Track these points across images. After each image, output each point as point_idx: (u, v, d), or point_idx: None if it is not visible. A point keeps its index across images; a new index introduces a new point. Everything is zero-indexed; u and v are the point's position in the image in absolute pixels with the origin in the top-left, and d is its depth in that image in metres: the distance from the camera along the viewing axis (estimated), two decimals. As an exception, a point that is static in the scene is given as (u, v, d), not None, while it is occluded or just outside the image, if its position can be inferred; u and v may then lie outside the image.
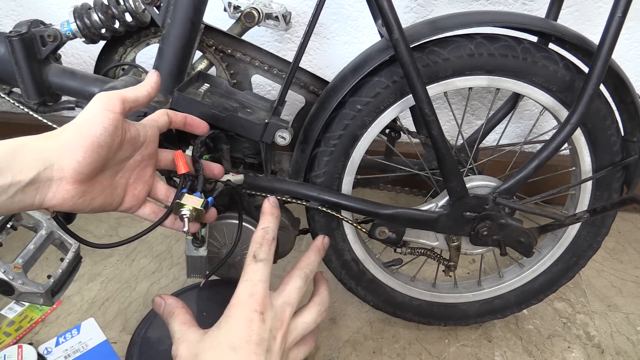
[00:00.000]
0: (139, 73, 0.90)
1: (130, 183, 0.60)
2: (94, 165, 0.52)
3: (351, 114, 0.83)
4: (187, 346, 0.52)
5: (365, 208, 0.87)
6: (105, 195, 0.56)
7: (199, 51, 0.89)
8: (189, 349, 0.51)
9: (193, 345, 0.51)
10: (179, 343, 0.53)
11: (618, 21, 0.71)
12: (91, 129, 0.51)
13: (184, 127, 0.66)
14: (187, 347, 0.52)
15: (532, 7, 1.23)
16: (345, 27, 1.33)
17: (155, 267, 1.26)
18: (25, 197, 0.49)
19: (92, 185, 0.54)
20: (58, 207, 0.52)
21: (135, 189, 0.60)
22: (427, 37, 0.79)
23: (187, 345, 0.52)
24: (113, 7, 0.81)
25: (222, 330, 0.51)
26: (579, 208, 0.93)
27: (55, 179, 0.50)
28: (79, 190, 0.52)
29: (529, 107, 1.38)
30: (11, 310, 1.12)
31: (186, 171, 0.65)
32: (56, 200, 0.51)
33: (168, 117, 0.63)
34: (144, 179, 0.61)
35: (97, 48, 0.88)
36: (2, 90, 0.85)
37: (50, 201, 0.51)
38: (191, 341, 0.52)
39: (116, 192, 0.58)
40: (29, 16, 0.99)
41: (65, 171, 0.50)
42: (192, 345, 0.52)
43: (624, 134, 0.88)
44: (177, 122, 0.64)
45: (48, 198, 0.51)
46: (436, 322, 1.07)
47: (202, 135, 0.70)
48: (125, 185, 0.59)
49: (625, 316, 1.13)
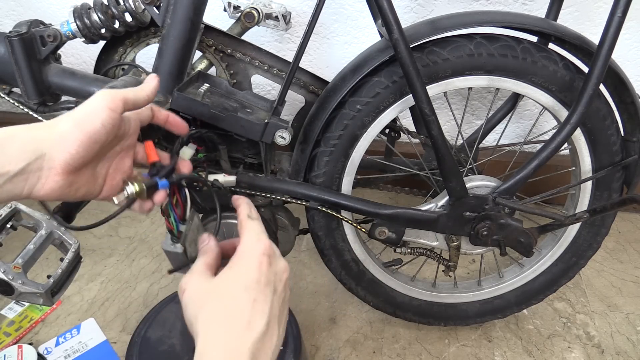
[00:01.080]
0: (139, 73, 0.90)
1: (110, 173, 0.61)
2: (85, 159, 0.53)
3: (351, 114, 0.83)
4: (195, 286, 0.53)
5: (365, 208, 0.86)
6: (89, 185, 0.57)
7: (199, 51, 0.89)
8: (196, 289, 0.53)
9: (202, 286, 0.53)
10: (188, 282, 0.54)
11: (618, 21, 0.71)
12: (91, 124, 0.52)
13: (165, 124, 0.67)
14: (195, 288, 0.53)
15: (532, 7, 1.23)
16: (345, 27, 1.33)
17: (155, 267, 1.26)
18: (13, 187, 0.49)
19: (78, 176, 0.55)
20: (46, 197, 0.52)
21: (114, 179, 0.61)
22: (426, 37, 0.79)
23: (196, 285, 0.53)
24: (113, 7, 0.81)
25: (234, 271, 0.53)
26: (578, 208, 0.93)
27: (44, 169, 0.51)
28: (66, 181, 0.52)
29: (529, 107, 1.38)
30: (11, 310, 1.12)
31: (156, 160, 0.66)
32: (44, 191, 0.51)
33: (151, 112, 0.64)
34: (123, 169, 0.62)
35: (97, 48, 0.88)
36: (2, 90, 0.85)
37: (38, 192, 0.51)
38: (200, 283, 0.54)
39: (97, 182, 0.59)
40: (29, 16, 0.99)
41: (55, 162, 0.51)
42: (200, 286, 0.53)
43: (623, 134, 0.88)
44: (159, 119, 0.65)
45: (37, 189, 0.51)
46: (436, 322, 1.07)
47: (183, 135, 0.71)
48: (105, 175, 0.60)
49: (625, 316, 1.13)
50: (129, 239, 1.35)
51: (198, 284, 0.53)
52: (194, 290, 0.53)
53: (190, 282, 0.54)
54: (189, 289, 0.53)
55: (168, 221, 0.68)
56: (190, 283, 0.54)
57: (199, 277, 0.55)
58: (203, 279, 0.54)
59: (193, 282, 0.54)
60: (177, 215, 0.69)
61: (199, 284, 0.53)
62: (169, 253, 0.70)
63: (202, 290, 0.52)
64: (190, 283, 0.54)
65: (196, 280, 0.54)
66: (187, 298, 0.53)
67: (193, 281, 0.54)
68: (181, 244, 0.68)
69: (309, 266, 1.26)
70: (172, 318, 0.94)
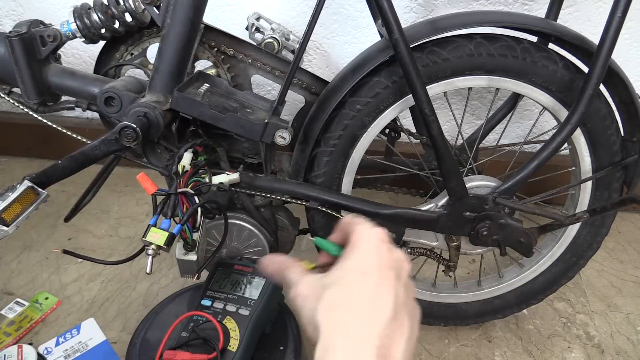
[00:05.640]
0: (146, 62, 0.90)
1: None
2: None
3: (351, 114, 0.83)
4: (307, 283, 0.48)
5: (365, 208, 0.86)
6: None
7: (200, 53, 0.89)
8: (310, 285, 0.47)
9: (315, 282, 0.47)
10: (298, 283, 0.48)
11: (618, 21, 0.71)
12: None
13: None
14: (307, 284, 0.47)
15: (532, 7, 1.23)
16: (345, 27, 1.33)
17: (155, 267, 1.26)
18: None
19: None
20: None
21: None
22: (426, 37, 0.79)
23: (308, 282, 0.48)
24: (113, 7, 0.81)
25: (350, 260, 0.47)
26: (578, 208, 0.93)
27: None
28: None
29: (529, 107, 1.38)
30: (11, 310, 1.12)
31: (155, 190, 0.67)
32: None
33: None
34: None
35: (97, 48, 0.88)
36: (2, 90, 0.85)
37: None
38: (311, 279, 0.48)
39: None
40: (29, 16, 0.99)
41: None
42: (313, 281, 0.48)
43: (623, 134, 0.88)
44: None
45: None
46: (436, 322, 1.07)
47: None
48: None
49: (625, 316, 1.13)
50: (129, 239, 1.35)
51: (312, 281, 0.47)
52: (308, 287, 0.47)
53: (301, 283, 0.48)
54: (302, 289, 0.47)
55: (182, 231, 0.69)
56: (302, 283, 0.48)
57: (309, 276, 0.49)
58: (315, 277, 0.48)
59: (304, 282, 0.48)
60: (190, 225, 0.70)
61: (313, 281, 0.47)
62: (182, 262, 0.71)
63: (317, 285, 0.46)
64: (302, 283, 0.48)
65: (309, 279, 0.48)
66: (301, 299, 0.47)
67: (304, 281, 0.48)
68: (195, 252, 0.69)
69: (309, 266, 1.26)
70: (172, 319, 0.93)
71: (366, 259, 0.47)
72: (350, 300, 0.43)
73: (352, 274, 0.46)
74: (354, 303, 0.43)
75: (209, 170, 0.82)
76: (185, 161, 0.79)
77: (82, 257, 0.80)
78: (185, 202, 0.72)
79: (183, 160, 0.79)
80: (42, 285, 1.20)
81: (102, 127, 0.94)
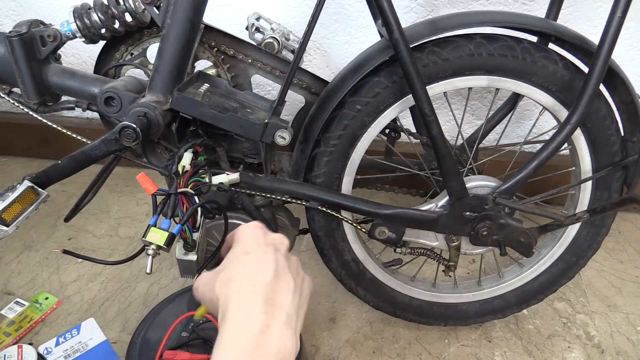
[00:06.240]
0: (146, 62, 0.90)
1: None
2: None
3: (351, 114, 0.83)
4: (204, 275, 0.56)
5: (365, 208, 0.86)
6: None
7: (200, 53, 0.89)
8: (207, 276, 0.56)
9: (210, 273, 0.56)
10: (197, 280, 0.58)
11: (618, 21, 0.71)
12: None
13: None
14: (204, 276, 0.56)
15: (532, 7, 1.23)
16: (345, 27, 1.33)
17: (155, 267, 1.26)
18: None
19: None
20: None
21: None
22: (426, 37, 0.79)
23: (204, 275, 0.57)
24: (113, 7, 0.81)
25: (234, 249, 0.57)
26: (578, 208, 0.93)
27: None
28: None
29: (529, 107, 1.38)
30: (11, 310, 1.12)
31: (155, 190, 0.68)
32: None
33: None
34: None
35: (97, 48, 0.88)
36: (2, 90, 0.85)
37: None
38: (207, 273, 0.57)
39: None
40: (29, 16, 0.99)
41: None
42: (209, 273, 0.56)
43: (623, 134, 0.88)
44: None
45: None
46: (436, 322, 1.07)
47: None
48: None
49: (625, 316, 1.13)
50: (129, 239, 1.35)
51: (208, 273, 0.57)
52: (205, 277, 0.56)
53: (199, 277, 0.57)
54: (200, 280, 0.56)
55: (182, 231, 0.69)
56: (200, 277, 0.57)
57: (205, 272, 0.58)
58: (210, 271, 0.57)
59: (202, 275, 0.57)
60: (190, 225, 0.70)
61: (208, 273, 0.56)
62: (182, 262, 0.71)
63: (212, 274, 0.55)
64: (200, 277, 0.57)
65: (204, 273, 0.57)
66: (201, 287, 0.56)
67: (202, 275, 0.57)
68: (195, 252, 0.70)
69: (309, 266, 1.26)
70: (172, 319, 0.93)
71: (246, 243, 0.57)
72: (238, 273, 0.53)
73: (237, 256, 0.56)
74: (241, 274, 0.53)
75: (209, 170, 0.82)
76: (185, 161, 0.79)
77: (82, 257, 0.81)
78: (185, 202, 0.72)
79: (183, 160, 0.79)
80: (42, 285, 1.20)
81: (102, 127, 0.94)
